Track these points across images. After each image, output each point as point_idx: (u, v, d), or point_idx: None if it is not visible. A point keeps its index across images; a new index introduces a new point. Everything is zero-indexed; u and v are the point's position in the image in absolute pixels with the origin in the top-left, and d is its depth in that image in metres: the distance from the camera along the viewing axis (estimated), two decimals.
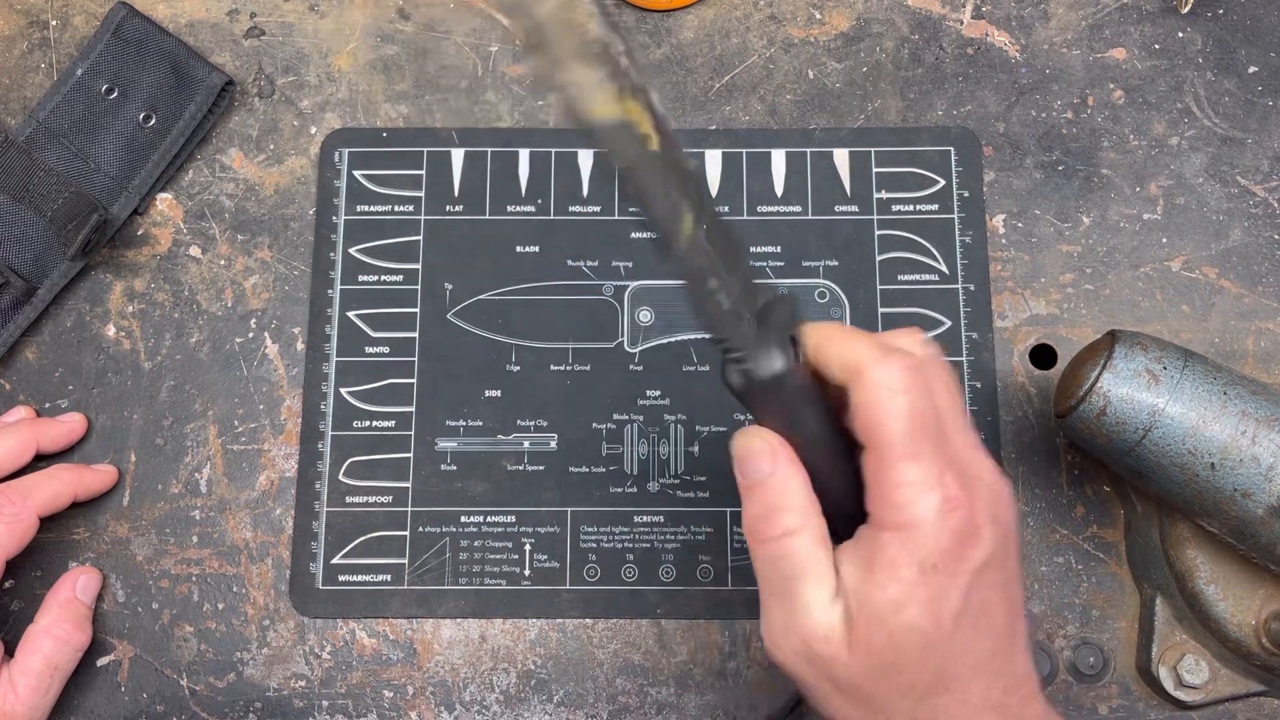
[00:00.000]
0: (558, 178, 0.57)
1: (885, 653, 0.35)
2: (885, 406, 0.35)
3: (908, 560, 0.34)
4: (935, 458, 0.35)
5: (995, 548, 0.35)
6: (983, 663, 0.35)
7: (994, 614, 0.35)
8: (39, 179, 0.54)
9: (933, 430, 0.35)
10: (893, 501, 0.35)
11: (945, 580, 0.34)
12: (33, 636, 0.49)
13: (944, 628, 0.34)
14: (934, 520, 0.34)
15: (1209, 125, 0.57)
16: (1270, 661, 0.47)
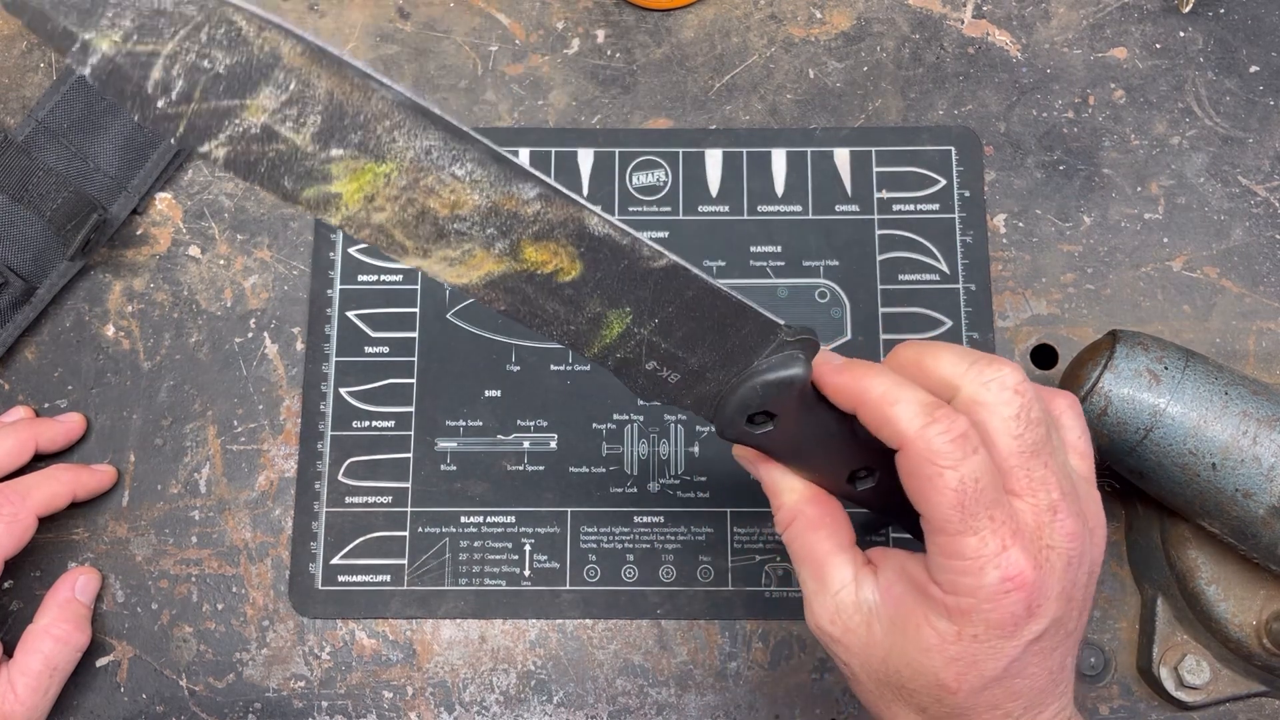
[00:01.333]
0: (558, 177, 0.57)
1: (899, 677, 0.35)
2: (932, 485, 0.32)
3: (949, 623, 0.33)
4: (996, 531, 0.32)
5: (1053, 622, 0.33)
6: (1013, 715, 0.34)
7: (1032, 677, 0.34)
8: (38, 179, 0.54)
9: (989, 500, 0.32)
10: (949, 571, 0.33)
11: (983, 648, 0.33)
12: (32, 637, 0.49)
13: (968, 687, 0.33)
14: (990, 595, 0.32)
15: (1210, 125, 0.56)
16: (1271, 662, 0.47)
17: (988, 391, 0.33)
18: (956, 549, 0.33)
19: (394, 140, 0.30)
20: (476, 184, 0.30)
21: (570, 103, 0.58)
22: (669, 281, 0.35)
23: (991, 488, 0.33)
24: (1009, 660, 0.33)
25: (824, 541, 0.37)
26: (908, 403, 0.33)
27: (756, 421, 0.37)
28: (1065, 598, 0.34)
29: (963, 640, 0.33)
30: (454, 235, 0.31)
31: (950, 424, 0.32)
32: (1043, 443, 0.34)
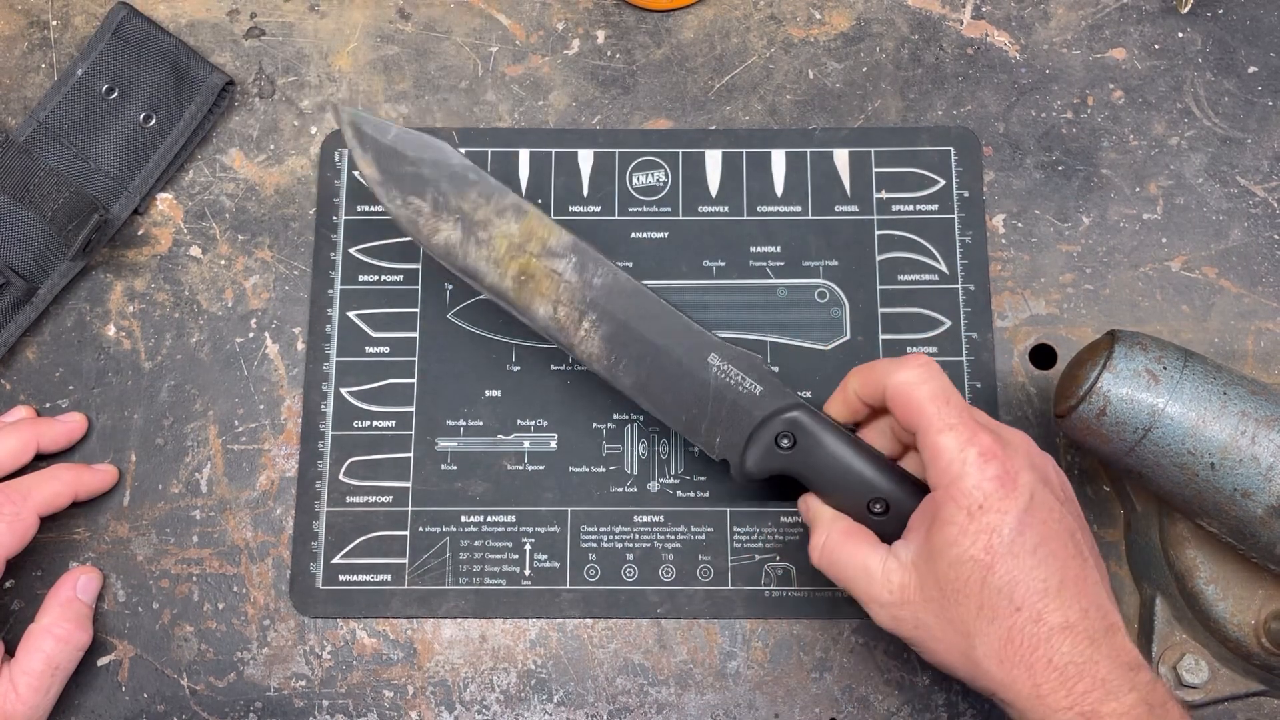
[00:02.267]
0: (558, 177, 0.57)
1: (948, 583, 0.41)
2: (914, 395, 0.43)
3: (957, 507, 0.42)
4: (966, 425, 0.42)
5: (1036, 490, 0.42)
6: (1052, 588, 0.41)
7: (1052, 545, 0.41)
8: (39, 179, 0.54)
9: (958, 405, 0.43)
10: (939, 467, 0.42)
11: (993, 517, 0.41)
12: (34, 636, 0.49)
13: (998, 555, 0.41)
14: (974, 471, 0.41)
15: (1209, 125, 0.57)
16: (1270, 661, 0.47)
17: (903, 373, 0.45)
18: (940, 444, 0.42)
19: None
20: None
21: (570, 103, 0.58)
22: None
23: (956, 399, 0.44)
24: (1017, 520, 0.41)
25: (858, 545, 0.45)
26: (884, 363, 0.46)
27: (781, 444, 0.47)
28: (1035, 472, 0.42)
29: (974, 514, 0.41)
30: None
31: (923, 359, 0.45)
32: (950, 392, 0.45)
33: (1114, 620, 0.42)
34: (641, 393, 0.49)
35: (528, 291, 0.48)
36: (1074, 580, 0.41)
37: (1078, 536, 0.43)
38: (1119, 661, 0.40)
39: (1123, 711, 0.39)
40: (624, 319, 0.48)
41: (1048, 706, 0.40)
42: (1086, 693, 0.40)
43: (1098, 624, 0.41)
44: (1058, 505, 0.42)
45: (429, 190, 0.49)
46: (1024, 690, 0.40)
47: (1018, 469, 0.42)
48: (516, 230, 0.49)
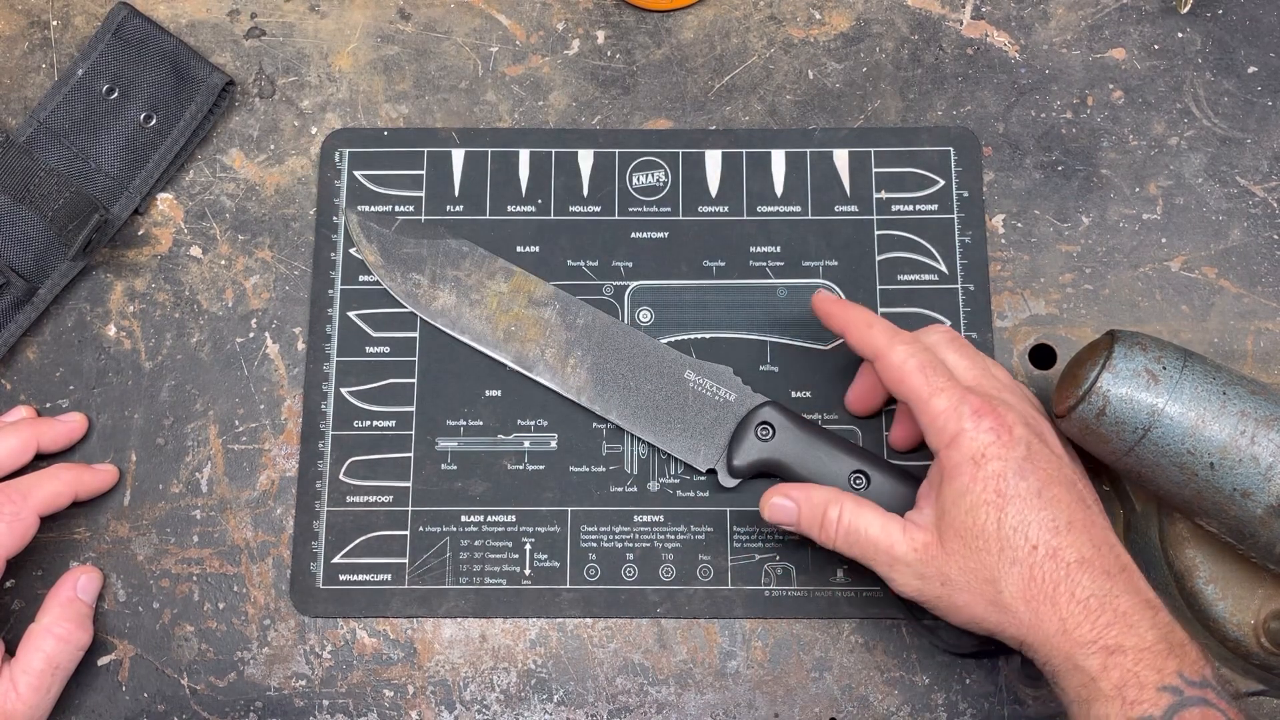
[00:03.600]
0: (558, 178, 0.57)
1: (966, 531, 0.44)
2: (904, 370, 0.46)
3: (961, 459, 0.44)
4: (954, 388, 0.45)
5: (1031, 441, 0.44)
6: (1061, 527, 0.43)
7: (1055, 489, 0.44)
8: (40, 179, 0.54)
9: (944, 372, 0.46)
10: (937, 429, 0.45)
11: (995, 464, 0.44)
12: (34, 635, 0.49)
13: (1008, 498, 0.43)
14: (971, 426, 0.44)
15: (1208, 125, 0.57)
16: (1269, 661, 0.47)
17: (928, 337, 0.49)
18: (934, 410, 0.45)
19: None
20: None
21: (570, 103, 0.58)
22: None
23: (941, 365, 0.46)
24: (1018, 465, 0.44)
25: (871, 515, 0.46)
26: (880, 326, 0.48)
27: (761, 435, 0.51)
28: (1030, 426, 0.45)
29: (978, 463, 0.44)
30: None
31: (907, 335, 0.48)
32: (977, 359, 0.48)
33: (1126, 561, 0.43)
34: (630, 418, 0.53)
35: (519, 340, 0.54)
36: (1081, 522, 0.43)
37: (1079, 486, 0.45)
38: (1139, 598, 0.42)
39: (1144, 647, 0.41)
40: (605, 351, 0.53)
41: (1074, 641, 0.41)
42: (1110, 625, 0.41)
43: (1111, 561, 0.43)
44: (1054, 456, 0.45)
45: (427, 266, 0.55)
46: (1051, 627, 0.42)
47: (1011, 422, 0.44)
48: (505, 288, 0.54)
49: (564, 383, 0.53)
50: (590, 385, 0.53)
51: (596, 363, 0.53)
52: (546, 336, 0.54)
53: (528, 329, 0.54)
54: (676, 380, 0.53)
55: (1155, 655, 0.41)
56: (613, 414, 0.53)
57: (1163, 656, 0.41)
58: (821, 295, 0.51)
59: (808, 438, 0.50)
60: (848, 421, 0.54)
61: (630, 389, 0.53)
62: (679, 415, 0.52)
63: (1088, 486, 0.46)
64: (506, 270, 0.55)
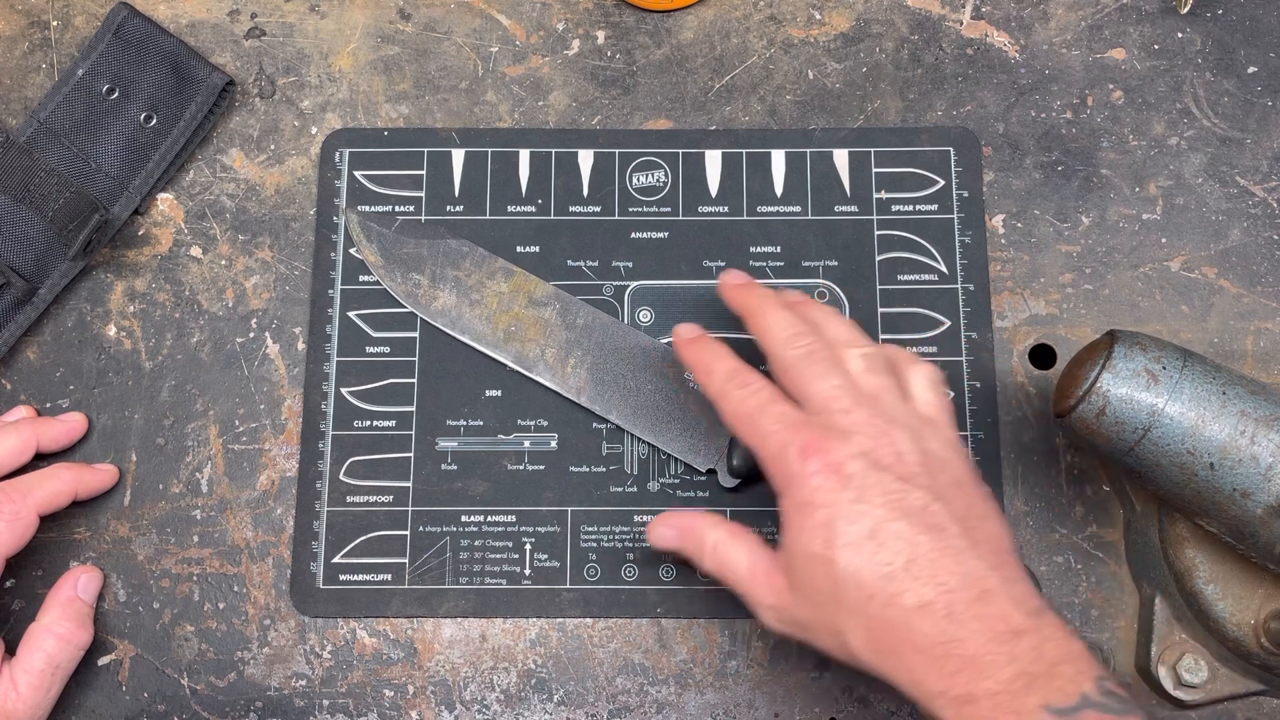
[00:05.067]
0: (558, 178, 0.57)
1: (805, 582, 0.41)
2: (733, 421, 0.45)
3: (792, 506, 0.42)
4: (784, 428, 0.43)
5: (866, 475, 0.41)
6: (897, 570, 0.39)
7: (894, 526, 0.40)
8: (40, 179, 0.54)
9: (773, 413, 0.43)
10: (772, 474, 0.43)
11: (823, 512, 0.41)
12: (34, 635, 0.49)
13: (837, 547, 0.40)
14: (797, 468, 0.42)
15: (1208, 125, 0.57)
16: (1269, 661, 0.47)
17: (786, 345, 0.46)
18: (767, 453, 0.43)
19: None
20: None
21: (570, 104, 0.58)
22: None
23: (776, 406, 0.44)
24: (848, 509, 0.40)
25: (742, 551, 0.44)
26: (719, 370, 0.46)
27: None
28: (870, 460, 0.41)
29: (804, 511, 0.41)
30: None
31: (741, 379, 0.46)
32: (831, 372, 0.44)
33: (988, 585, 0.39)
34: (630, 418, 0.53)
35: (519, 340, 0.54)
36: (926, 557, 0.39)
37: (931, 508, 0.40)
38: (992, 633, 0.38)
39: (999, 690, 0.37)
40: (605, 351, 0.53)
41: (925, 693, 0.38)
42: (956, 673, 0.38)
43: (961, 597, 0.38)
44: (899, 484, 0.41)
45: (427, 266, 0.54)
46: (902, 677, 0.39)
47: (842, 458, 0.41)
48: (506, 288, 0.54)
49: (564, 383, 0.53)
50: (590, 385, 0.53)
51: (596, 363, 0.53)
52: (546, 336, 0.54)
53: (528, 329, 0.54)
54: (677, 380, 0.53)
55: (1012, 696, 0.37)
56: (613, 414, 0.53)
57: (1021, 695, 0.37)
58: (723, 284, 0.50)
59: None
60: None
61: (630, 389, 0.53)
62: (679, 415, 0.52)
63: (954, 503, 0.41)
64: (506, 270, 0.55)
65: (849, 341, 0.46)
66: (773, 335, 0.46)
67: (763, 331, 0.47)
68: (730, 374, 0.46)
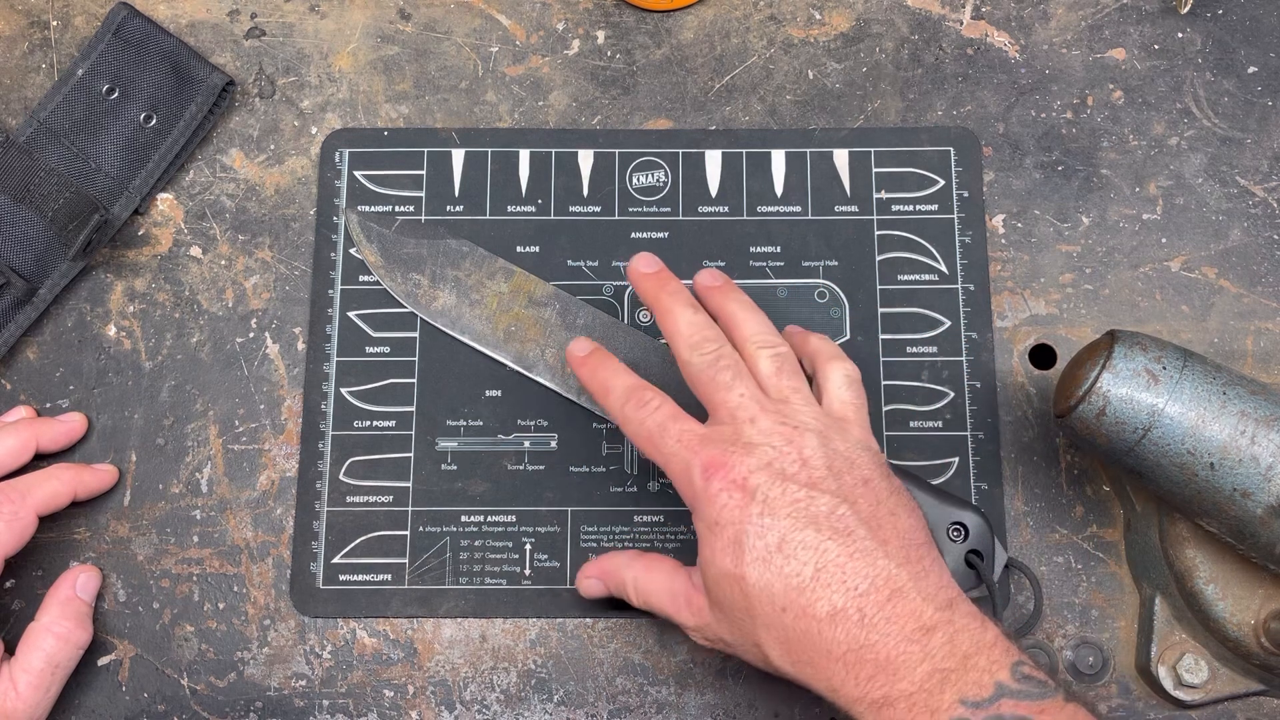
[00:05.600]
0: (558, 178, 0.57)
1: (720, 600, 0.42)
2: (639, 438, 0.45)
3: (703, 526, 0.42)
4: (686, 446, 0.43)
5: (770, 488, 0.41)
6: (806, 580, 0.39)
7: (800, 536, 0.40)
8: (40, 179, 0.54)
9: (674, 432, 0.43)
10: (681, 493, 0.43)
11: (730, 530, 0.41)
12: (34, 634, 0.49)
13: (745, 564, 0.40)
14: (701, 488, 0.42)
15: (1208, 125, 0.57)
16: (1269, 661, 0.47)
17: (691, 352, 0.45)
18: (673, 473, 0.43)
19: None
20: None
21: (570, 104, 0.58)
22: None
23: (675, 424, 0.44)
24: (752, 525, 0.40)
25: (661, 575, 0.46)
26: (616, 390, 0.46)
27: None
28: (775, 470, 0.41)
29: (713, 530, 0.41)
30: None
31: (639, 399, 0.45)
32: (737, 380, 0.44)
33: (898, 584, 0.39)
34: None
35: (519, 340, 0.54)
36: (834, 563, 0.39)
37: (839, 512, 0.40)
38: (904, 633, 0.38)
39: (913, 690, 0.37)
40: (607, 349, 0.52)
41: (845, 699, 0.39)
42: (871, 678, 0.38)
43: (872, 599, 0.39)
44: (805, 492, 0.41)
45: (427, 266, 0.54)
46: (821, 686, 0.40)
47: (745, 473, 0.41)
48: (506, 288, 0.54)
49: (564, 383, 0.53)
50: None
51: None
52: (546, 336, 0.54)
53: (528, 329, 0.54)
54: (676, 381, 0.53)
55: (928, 694, 0.37)
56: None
57: (936, 692, 0.37)
58: (631, 270, 0.49)
59: None
60: None
61: None
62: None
63: (862, 504, 0.41)
64: (507, 270, 0.55)
65: (760, 341, 0.46)
66: (680, 338, 0.46)
67: (670, 333, 0.46)
68: (627, 393, 0.45)
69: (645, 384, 0.46)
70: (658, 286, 0.47)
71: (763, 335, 0.46)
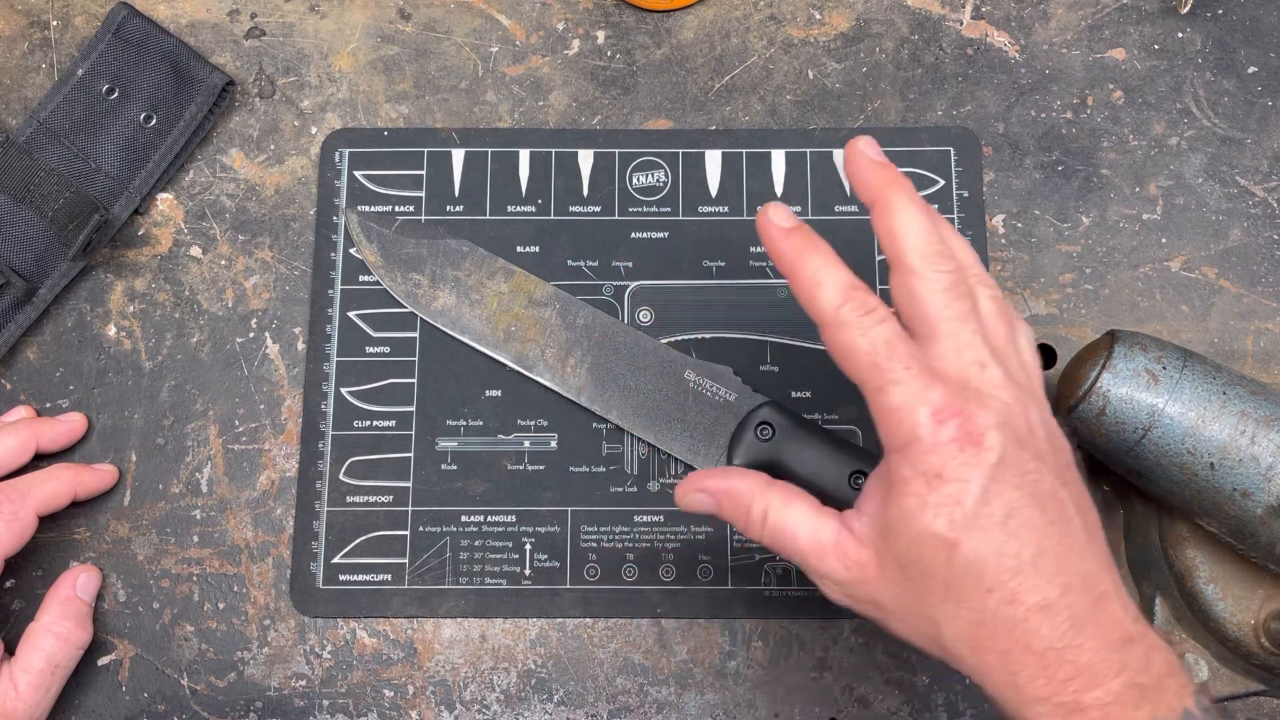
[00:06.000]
0: (558, 178, 0.57)
1: (909, 562, 0.37)
2: (850, 350, 0.38)
3: (913, 474, 0.36)
4: (916, 377, 0.37)
5: (1006, 449, 0.36)
6: (1025, 564, 0.35)
7: (1026, 513, 0.36)
8: (40, 179, 0.54)
9: (903, 354, 0.37)
10: (889, 429, 0.37)
11: (954, 487, 0.36)
12: (34, 634, 0.49)
13: (962, 530, 0.35)
14: (928, 433, 0.36)
15: (1208, 125, 0.57)
16: (1269, 661, 0.48)
17: (926, 265, 0.38)
18: (887, 403, 0.37)
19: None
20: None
21: (570, 103, 0.58)
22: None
23: (904, 345, 0.37)
24: (981, 488, 0.35)
25: (800, 512, 0.40)
26: (829, 285, 0.38)
27: (761, 435, 0.50)
28: (1007, 430, 0.36)
29: (932, 483, 0.36)
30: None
31: (861, 302, 0.38)
32: (970, 313, 0.38)
33: (1104, 588, 0.36)
34: (630, 418, 0.53)
35: (519, 340, 0.53)
36: (1053, 551, 0.36)
37: (1060, 495, 0.37)
38: (1107, 639, 0.35)
39: (1108, 700, 0.35)
40: (605, 351, 0.53)
41: (1024, 696, 0.35)
42: (1069, 680, 0.35)
43: (1082, 599, 0.36)
44: (1034, 463, 0.37)
45: (427, 266, 0.54)
46: (999, 678, 0.36)
47: (983, 427, 0.36)
48: (506, 288, 0.54)
49: (564, 383, 0.53)
50: (590, 385, 0.53)
51: (596, 363, 0.53)
52: (546, 336, 0.54)
53: (528, 329, 0.54)
54: (676, 380, 0.53)
55: (1123, 707, 0.35)
56: (613, 414, 0.53)
57: (1131, 707, 0.35)
58: (854, 151, 0.41)
59: (807, 438, 0.50)
60: (848, 421, 0.54)
61: (630, 389, 0.53)
62: (679, 415, 0.52)
63: (1073, 490, 0.38)
64: (506, 270, 0.55)
65: (979, 276, 0.40)
66: (907, 246, 0.38)
67: (893, 234, 0.39)
68: (845, 292, 0.38)
69: (862, 283, 0.39)
70: (884, 174, 0.41)
71: (979, 266, 0.40)
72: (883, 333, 0.37)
